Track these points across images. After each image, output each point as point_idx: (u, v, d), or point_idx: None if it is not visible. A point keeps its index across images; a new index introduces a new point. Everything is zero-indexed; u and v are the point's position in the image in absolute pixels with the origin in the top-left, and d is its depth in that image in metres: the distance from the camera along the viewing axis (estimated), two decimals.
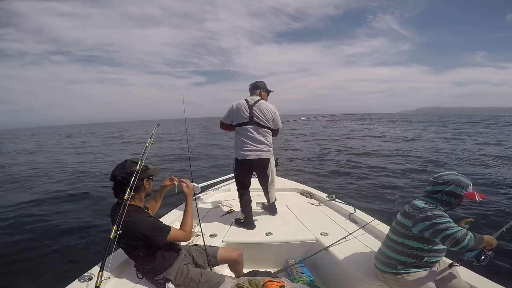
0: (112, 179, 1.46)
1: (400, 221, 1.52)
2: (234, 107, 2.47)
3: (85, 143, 21.36)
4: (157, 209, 1.83)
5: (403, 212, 1.54)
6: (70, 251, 3.43)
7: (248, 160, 2.44)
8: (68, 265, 3.10)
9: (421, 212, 1.41)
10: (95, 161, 11.75)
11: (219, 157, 11.18)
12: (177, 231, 1.54)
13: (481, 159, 9.09)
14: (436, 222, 1.35)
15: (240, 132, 2.47)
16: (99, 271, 1.26)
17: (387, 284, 1.55)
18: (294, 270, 1.96)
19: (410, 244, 1.45)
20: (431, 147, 12.71)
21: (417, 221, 1.41)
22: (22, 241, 3.76)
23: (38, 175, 8.79)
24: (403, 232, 1.48)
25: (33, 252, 3.41)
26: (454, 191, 1.43)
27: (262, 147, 2.47)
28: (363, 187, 6.21)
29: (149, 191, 1.58)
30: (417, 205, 1.47)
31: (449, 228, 1.33)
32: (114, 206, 1.49)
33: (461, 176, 1.47)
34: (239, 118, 2.45)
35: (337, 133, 21.20)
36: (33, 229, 4.16)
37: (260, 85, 2.59)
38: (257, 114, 2.44)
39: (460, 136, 17.59)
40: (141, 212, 1.49)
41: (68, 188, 6.84)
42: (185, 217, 1.61)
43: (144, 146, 1.77)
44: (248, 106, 2.44)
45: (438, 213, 1.38)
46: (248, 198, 2.55)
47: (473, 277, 1.56)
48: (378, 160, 9.64)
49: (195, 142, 17.60)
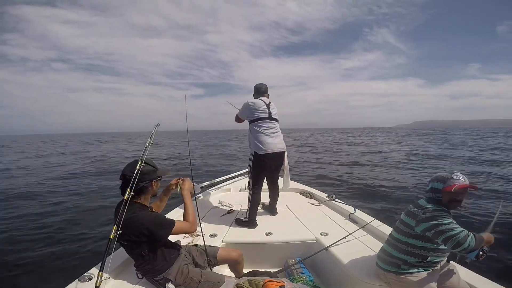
0: (121, 178, 1.47)
1: (403, 220, 1.51)
2: (252, 105, 2.56)
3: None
4: (162, 210, 1.84)
5: (407, 211, 1.54)
6: (70, 251, 3.42)
7: (269, 154, 2.48)
8: (68, 265, 3.09)
9: (424, 212, 1.40)
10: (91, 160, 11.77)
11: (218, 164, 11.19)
12: (182, 223, 1.56)
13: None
14: (439, 222, 1.34)
15: (259, 126, 2.52)
16: (99, 271, 1.26)
17: (388, 283, 1.54)
18: (294, 270, 1.95)
19: (413, 243, 1.44)
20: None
21: (420, 220, 1.40)
22: (22, 241, 3.75)
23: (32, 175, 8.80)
24: (406, 231, 1.47)
25: (33, 252, 3.41)
26: (434, 187, 1.44)
27: (280, 140, 2.59)
28: (363, 187, 6.21)
29: (156, 191, 1.59)
30: (421, 204, 1.46)
31: (452, 229, 1.32)
32: (118, 204, 1.49)
33: (444, 172, 1.47)
34: (259, 114, 2.54)
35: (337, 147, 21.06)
36: (33, 229, 4.16)
37: (266, 88, 2.75)
38: (274, 112, 2.60)
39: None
40: (146, 210, 1.50)
41: (67, 188, 6.84)
42: (185, 209, 1.62)
43: (144, 146, 1.76)
44: (265, 104, 2.58)
45: (441, 213, 1.37)
46: (259, 198, 2.59)
47: (473, 277, 1.56)
48: (379, 163, 9.66)
49: (197, 153, 17.23)
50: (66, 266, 3.08)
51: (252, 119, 2.57)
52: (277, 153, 2.54)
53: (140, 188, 1.46)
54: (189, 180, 1.78)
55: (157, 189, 1.59)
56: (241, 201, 3.14)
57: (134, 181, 1.41)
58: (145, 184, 1.49)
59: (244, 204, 3.01)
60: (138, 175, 1.43)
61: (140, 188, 1.47)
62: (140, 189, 1.47)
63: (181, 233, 1.62)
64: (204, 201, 3.19)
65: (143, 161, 1.51)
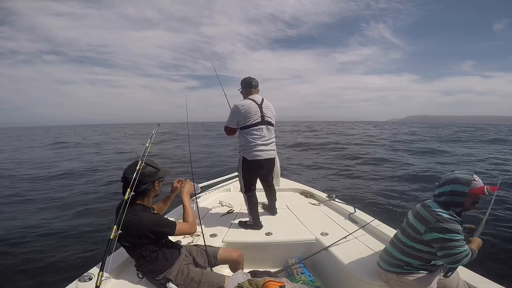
0: (123, 180, 1.47)
1: (412, 224, 1.45)
2: (243, 110, 2.29)
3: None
4: (164, 211, 1.85)
5: (416, 213, 1.46)
6: (70, 251, 3.42)
7: (258, 160, 2.37)
8: (68, 265, 3.09)
9: (438, 221, 1.33)
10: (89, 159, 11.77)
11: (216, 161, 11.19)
12: (182, 224, 1.57)
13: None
14: (450, 238, 1.30)
15: (250, 132, 2.33)
16: (99, 271, 1.26)
17: (389, 283, 1.54)
18: (294, 270, 1.96)
19: (420, 248, 1.41)
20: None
21: (432, 229, 1.34)
22: (22, 241, 3.75)
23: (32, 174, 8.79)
24: (414, 236, 1.43)
25: (33, 252, 3.41)
26: (456, 189, 1.36)
27: (272, 147, 2.45)
28: (363, 187, 6.21)
29: (158, 192, 1.59)
30: (435, 211, 1.38)
31: (458, 247, 1.29)
32: (119, 205, 1.49)
33: (459, 173, 1.41)
34: (251, 120, 2.31)
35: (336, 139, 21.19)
36: (32, 229, 4.16)
37: (257, 82, 2.46)
38: (267, 113, 2.37)
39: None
40: (147, 211, 1.50)
41: (66, 188, 6.84)
42: (185, 211, 1.63)
43: (144, 146, 1.76)
44: (258, 106, 2.34)
45: (456, 227, 1.31)
46: (256, 200, 2.51)
47: (473, 277, 1.57)
48: (377, 161, 9.66)
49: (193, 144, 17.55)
50: (66, 266, 3.08)
51: (244, 125, 2.32)
52: (267, 160, 2.41)
53: (142, 190, 1.47)
54: (190, 182, 1.80)
55: (159, 190, 1.58)
56: (241, 201, 3.13)
57: (134, 182, 1.41)
58: (148, 186, 1.49)
59: (244, 204, 3.01)
60: (141, 177, 1.43)
61: (142, 191, 1.47)
62: (143, 191, 1.47)
63: (181, 234, 1.63)
64: (204, 201, 3.19)
65: (143, 161, 1.51)
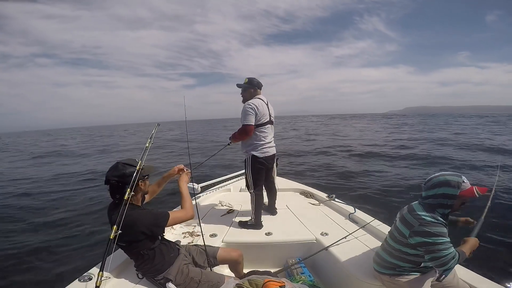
0: (106, 183, 1.45)
1: (398, 227, 1.47)
2: (260, 108, 2.34)
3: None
4: (157, 194, 1.83)
5: (401, 217, 1.47)
6: (70, 251, 3.42)
7: (267, 157, 2.47)
8: (68, 265, 3.09)
9: (421, 225, 1.33)
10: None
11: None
12: (177, 212, 1.55)
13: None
14: (433, 241, 1.30)
15: (260, 131, 2.40)
16: (99, 271, 1.26)
17: (384, 285, 1.55)
18: (294, 270, 1.96)
19: (407, 251, 1.42)
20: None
21: (415, 232, 1.35)
22: (22, 241, 3.76)
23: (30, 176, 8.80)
24: (400, 239, 1.44)
25: (33, 252, 3.41)
26: (446, 192, 1.35)
27: (274, 143, 2.59)
28: (363, 187, 6.20)
29: (145, 190, 1.56)
30: (418, 214, 1.37)
31: (442, 250, 1.29)
32: (110, 207, 1.48)
33: (449, 175, 1.38)
34: (263, 119, 2.39)
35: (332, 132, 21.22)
36: (32, 229, 4.16)
37: (259, 82, 2.50)
38: (272, 113, 2.51)
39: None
40: (136, 209, 1.48)
41: (66, 188, 6.84)
42: (182, 197, 1.63)
43: (144, 146, 1.76)
44: (266, 105, 2.43)
45: (440, 230, 1.31)
46: (262, 200, 2.58)
47: (473, 277, 1.56)
48: (376, 158, 9.64)
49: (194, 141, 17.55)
50: (66, 266, 3.08)
51: (257, 124, 2.37)
52: (272, 156, 2.57)
53: (126, 191, 1.42)
54: (189, 174, 1.81)
55: (146, 188, 1.56)
56: (241, 201, 3.14)
57: (134, 182, 1.41)
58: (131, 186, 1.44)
59: (244, 204, 3.02)
60: (123, 179, 1.41)
61: (126, 191, 1.42)
62: (128, 192, 1.43)
63: (177, 222, 1.57)
64: (204, 201, 3.19)
65: (143, 161, 1.51)
